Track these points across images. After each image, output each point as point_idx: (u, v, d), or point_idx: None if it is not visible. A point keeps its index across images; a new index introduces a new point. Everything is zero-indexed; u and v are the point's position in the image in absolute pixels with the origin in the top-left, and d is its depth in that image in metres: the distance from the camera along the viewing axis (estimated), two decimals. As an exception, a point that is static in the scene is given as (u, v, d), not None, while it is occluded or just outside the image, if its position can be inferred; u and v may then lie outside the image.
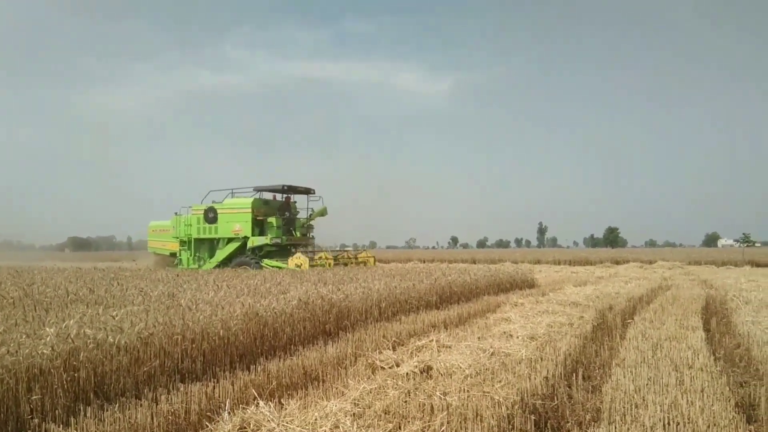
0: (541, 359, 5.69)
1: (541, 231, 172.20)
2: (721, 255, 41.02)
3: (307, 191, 21.22)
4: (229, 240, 20.48)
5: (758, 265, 32.56)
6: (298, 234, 21.07)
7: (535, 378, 4.91)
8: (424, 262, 37.08)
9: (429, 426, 3.74)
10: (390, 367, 5.60)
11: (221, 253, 20.54)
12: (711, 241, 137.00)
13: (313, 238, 21.92)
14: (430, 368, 5.43)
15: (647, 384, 4.75)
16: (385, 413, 3.98)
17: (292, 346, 6.76)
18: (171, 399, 4.48)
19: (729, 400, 4.37)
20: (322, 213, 21.19)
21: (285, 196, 21.40)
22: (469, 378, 5.05)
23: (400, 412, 4.00)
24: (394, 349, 6.49)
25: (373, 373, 5.49)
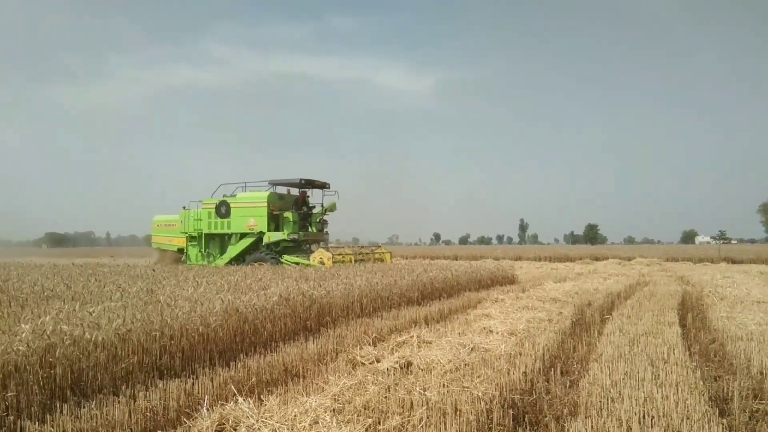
0: (521, 354, 5.74)
1: (523, 228, 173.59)
2: (698, 252, 41.67)
3: (323, 186, 20.36)
4: (243, 235, 19.61)
5: (734, 261, 33.17)
6: (314, 230, 20.34)
7: (514, 373, 4.96)
8: (407, 258, 37.16)
9: (408, 421, 3.76)
10: (370, 363, 5.62)
11: (234, 249, 19.67)
12: (688, 238, 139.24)
13: (327, 234, 21.17)
14: (410, 364, 5.46)
15: (623, 378, 4.83)
16: (365, 408, 3.99)
17: (273, 343, 6.73)
18: (149, 396, 4.44)
19: (703, 394, 4.44)
20: (331, 209, 20.46)
21: (300, 190, 20.46)
22: (448, 373, 5.08)
23: (380, 407, 4.02)
24: (374, 345, 6.51)
25: (353, 368, 5.50)
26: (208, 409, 3.83)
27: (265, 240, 19.00)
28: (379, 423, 3.75)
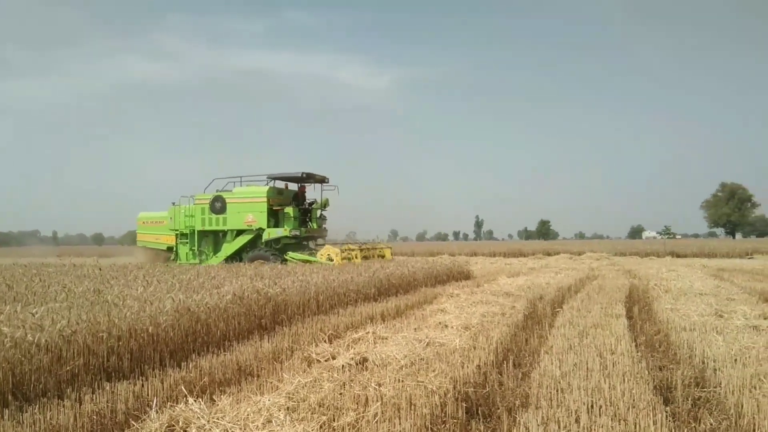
0: (474, 348, 5.82)
1: (478, 224, 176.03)
2: (644, 246, 43.21)
3: (323, 180, 19.58)
4: (240, 232, 18.71)
5: (678, 255, 34.51)
6: (315, 225, 19.53)
7: (467, 366, 5.02)
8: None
9: (363, 417, 3.76)
10: (326, 360, 5.59)
11: (230, 247, 18.75)
12: (636, 233, 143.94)
13: (326, 230, 20.38)
14: (365, 360, 5.45)
15: (573, 369, 4.95)
16: (320, 406, 3.96)
17: (226, 342, 6.62)
18: (96, 399, 4.31)
19: (648, 384, 4.60)
20: (325, 204, 19.82)
21: (300, 185, 19.78)
22: (404, 368, 5.11)
23: (335, 404, 4.00)
24: (330, 342, 6.48)
25: (308, 366, 5.46)
26: (157, 411, 3.73)
27: (265, 237, 18.14)
28: (334, 420, 3.74)
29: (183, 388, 4.57)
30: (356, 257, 17.43)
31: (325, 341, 6.45)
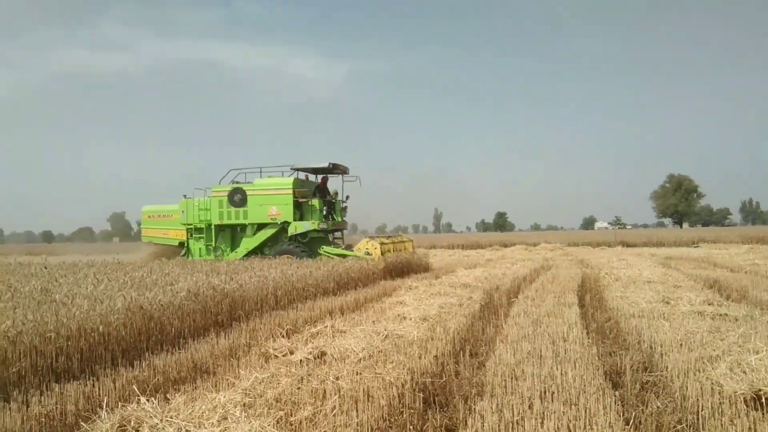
0: (432, 339, 5.89)
1: (437, 217, 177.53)
2: (596, 237, 44.41)
3: (345, 171, 18.45)
4: (261, 226, 17.44)
5: (629, 245, 35.67)
6: (339, 218, 18.50)
7: (425, 357, 5.08)
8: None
9: (320, 411, 3.76)
10: (284, 355, 5.56)
11: (251, 242, 17.45)
12: (588, 224, 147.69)
13: (346, 222, 19.21)
14: (324, 354, 5.45)
15: (527, 357, 5.07)
16: (277, 401, 3.94)
17: (181, 339, 6.50)
18: (44, 401, 4.18)
19: (598, 369, 4.75)
20: (347, 196, 18.80)
21: (322, 176, 18.57)
22: (362, 361, 5.13)
23: (292, 398, 3.99)
24: (288, 337, 6.45)
25: (266, 362, 5.42)
26: (108, 412, 3.64)
27: (291, 231, 16.92)
28: (291, 414, 3.73)
29: (135, 387, 4.47)
30: (390, 250, 16.62)
31: (283, 336, 6.41)
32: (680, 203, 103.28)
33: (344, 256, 15.79)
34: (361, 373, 4.56)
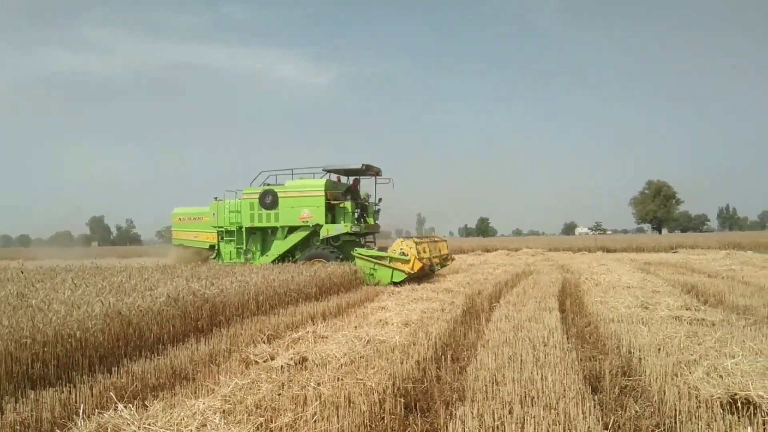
0: (414, 344, 5.89)
1: (420, 222, 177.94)
2: (577, 242, 44.80)
3: (378, 173, 17.93)
4: (293, 229, 16.99)
5: (608, 250, 36.07)
6: (372, 221, 17.99)
7: (407, 363, 5.08)
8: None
9: (301, 417, 3.74)
10: (264, 361, 5.53)
11: (282, 245, 17.03)
12: (569, 229, 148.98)
13: (379, 225, 18.62)
14: (305, 359, 5.42)
15: (508, 362, 5.09)
16: (257, 407, 3.91)
17: (161, 345, 6.42)
18: (19, 408, 4.11)
19: (578, 374, 4.78)
20: (379, 198, 18.17)
21: (354, 177, 18.11)
22: (344, 366, 5.11)
23: (273, 405, 3.96)
24: (269, 342, 6.41)
25: (246, 367, 5.38)
26: (84, 419, 3.58)
27: (323, 234, 16.48)
28: (271, 421, 3.70)
29: (113, 394, 4.41)
30: (426, 251, 15.85)
31: (264, 342, 6.37)
32: (659, 209, 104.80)
33: (379, 257, 15.25)
34: (342, 379, 4.55)
